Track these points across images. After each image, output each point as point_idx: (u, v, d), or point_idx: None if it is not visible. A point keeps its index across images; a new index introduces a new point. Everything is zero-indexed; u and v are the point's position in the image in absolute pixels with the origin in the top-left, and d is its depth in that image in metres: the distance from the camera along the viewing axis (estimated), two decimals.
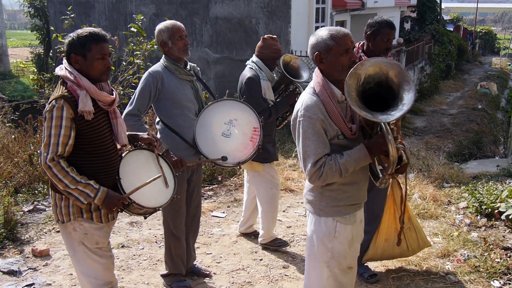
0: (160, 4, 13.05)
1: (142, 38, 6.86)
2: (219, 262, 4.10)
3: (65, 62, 2.50)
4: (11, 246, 4.30)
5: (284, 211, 5.24)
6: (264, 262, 4.08)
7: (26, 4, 16.82)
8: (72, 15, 6.92)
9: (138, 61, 6.79)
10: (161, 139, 3.16)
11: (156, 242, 4.46)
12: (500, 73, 26.35)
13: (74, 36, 2.45)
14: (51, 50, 9.91)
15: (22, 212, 4.99)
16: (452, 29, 26.88)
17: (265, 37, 3.99)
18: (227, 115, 3.42)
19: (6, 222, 4.46)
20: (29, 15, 17.06)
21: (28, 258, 4.11)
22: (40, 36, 17.29)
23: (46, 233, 4.60)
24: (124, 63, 7.00)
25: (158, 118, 3.45)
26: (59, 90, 2.44)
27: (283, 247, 4.27)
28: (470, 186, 5.90)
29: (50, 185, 2.52)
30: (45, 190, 5.47)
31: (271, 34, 5.21)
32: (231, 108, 3.45)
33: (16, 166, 5.68)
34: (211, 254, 4.25)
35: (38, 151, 5.57)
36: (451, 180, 6.43)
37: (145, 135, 2.82)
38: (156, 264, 4.06)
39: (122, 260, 4.12)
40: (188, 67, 3.43)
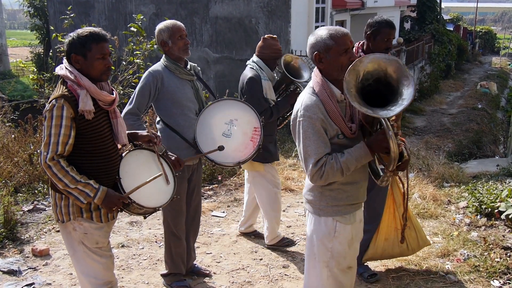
0: (159, 3, 13.05)
1: (142, 37, 6.86)
2: (219, 262, 4.10)
3: (65, 61, 2.50)
4: (11, 246, 4.30)
5: (284, 211, 5.24)
6: (264, 261, 4.09)
7: (26, 3, 16.79)
8: (71, 15, 6.91)
9: (138, 60, 6.79)
10: (161, 139, 3.16)
11: (156, 242, 4.46)
12: (500, 72, 26.36)
13: (74, 35, 2.45)
14: (51, 50, 9.89)
15: (22, 211, 4.99)
16: (452, 28, 26.86)
17: (265, 37, 3.98)
18: (228, 115, 3.42)
19: (6, 221, 4.46)
20: (28, 15, 17.02)
21: (28, 257, 4.11)
22: (39, 35, 17.26)
23: (46, 232, 4.60)
24: (124, 63, 7.00)
25: (158, 118, 3.45)
26: (59, 90, 2.44)
27: (292, 246, 4.27)
28: (470, 185, 5.91)
29: (50, 184, 2.52)
30: (45, 189, 5.47)
31: (271, 33, 5.20)
32: (232, 108, 3.45)
33: (16, 165, 5.68)
34: (211, 253, 4.25)
35: (38, 151, 5.57)
36: (451, 179, 6.43)
37: (144, 132, 2.82)
38: (156, 263, 4.06)
39: (122, 259, 4.12)
40: (188, 67, 3.43)
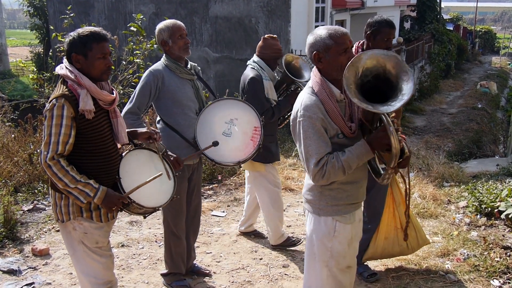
0: (159, 3, 13.04)
1: (141, 37, 6.86)
2: (219, 261, 4.10)
3: (65, 61, 2.50)
4: (11, 245, 4.30)
5: (284, 210, 5.20)
6: (264, 261, 4.09)
7: (26, 3, 16.78)
8: (71, 15, 6.91)
9: (137, 60, 6.79)
10: (160, 136, 3.16)
11: (156, 241, 4.46)
12: (500, 72, 26.35)
13: (75, 35, 2.45)
14: (51, 49, 9.89)
15: (22, 211, 4.99)
16: (452, 28, 26.84)
17: (265, 37, 3.98)
18: (228, 114, 3.42)
19: (6, 221, 4.46)
20: (28, 14, 17.01)
21: (28, 257, 4.11)
22: (39, 35, 17.25)
23: (46, 232, 4.60)
24: (123, 63, 7.00)
25: (158, 117, 3.45)
26: (60, 89, 2.44)
27: (298, 244, 4.27)
28: (470, 185, 5.91)
29: (50, 184, 2.52)
30: (45, 189, 5.47)
31: (271, 33, 5.20)
32: (232, 107, 3.45)
33: (16, 165, 5.68)
34: (211, 253, 4.26)
35: (38, 150, 5.58)
36: (451, 179, 6.43)
37: (143, 129, 2.82)
38: (156, 263, 4.06)
39: (122, 259, 4.12)
40: (188, 66, 3.43)
